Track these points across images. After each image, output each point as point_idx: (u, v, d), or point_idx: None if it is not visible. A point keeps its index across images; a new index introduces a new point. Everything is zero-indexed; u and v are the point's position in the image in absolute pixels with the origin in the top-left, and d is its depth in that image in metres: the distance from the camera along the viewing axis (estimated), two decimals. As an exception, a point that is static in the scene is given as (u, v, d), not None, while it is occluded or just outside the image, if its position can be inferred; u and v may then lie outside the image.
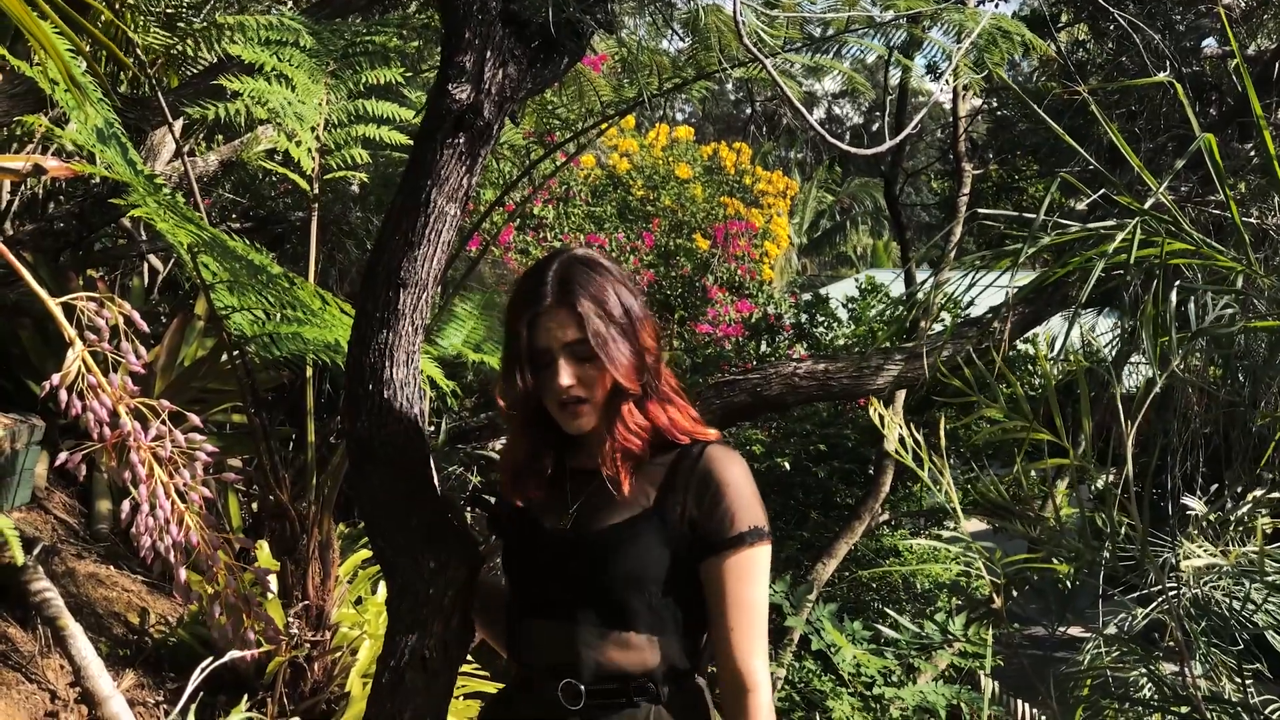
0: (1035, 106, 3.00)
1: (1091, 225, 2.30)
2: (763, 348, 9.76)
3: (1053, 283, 4.14)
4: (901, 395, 7.74)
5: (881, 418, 2.70)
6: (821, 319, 9.99)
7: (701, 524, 2.34)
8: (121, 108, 5.42)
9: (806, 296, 10.79)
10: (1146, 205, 2.25)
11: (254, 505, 6.94)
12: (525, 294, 2.40)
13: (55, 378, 2.78)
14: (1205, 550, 2.56)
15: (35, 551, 4.87)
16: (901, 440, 2.68)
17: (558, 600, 2.39)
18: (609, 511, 2.39)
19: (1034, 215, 2.31)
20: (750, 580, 2.33)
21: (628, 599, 2.34)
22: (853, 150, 3.37)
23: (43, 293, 2.83)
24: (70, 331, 2.81)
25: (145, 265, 9.39)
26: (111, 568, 6.04)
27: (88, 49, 5.27)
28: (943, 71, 10.30)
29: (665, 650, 2.36)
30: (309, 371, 5.36)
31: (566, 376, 2.34)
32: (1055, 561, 2.44)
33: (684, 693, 2.40)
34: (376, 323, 2.55)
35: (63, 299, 2.90)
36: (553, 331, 2.35)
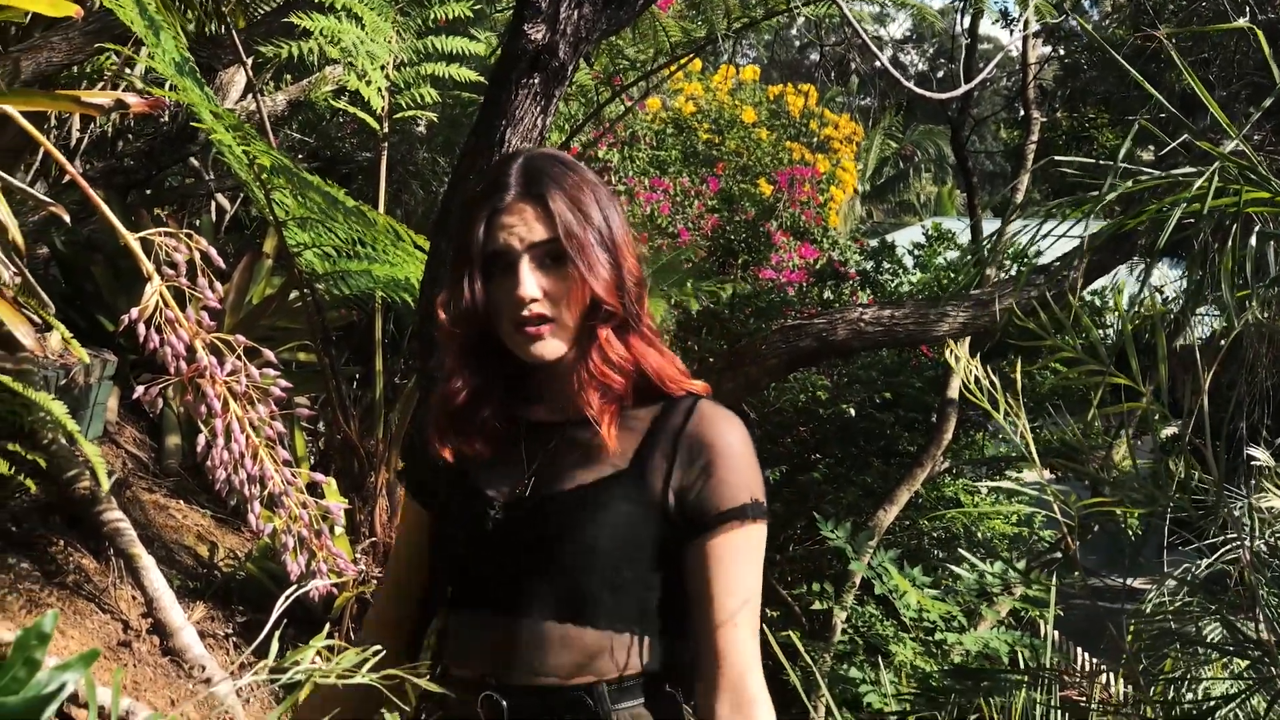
0: (1111, 50, 2.98)
1: (1169, 173, 2.28)
2: (826, 294, 9.73)
3: (1121, 233, 4.11)
4: (966, 343, 7.72)
5: (956, 358, 2.62)
6: (888, 266, 9.95)
7: (692, 494, 1.89)
8: (193, 47, 5.45)
9: (873, 243, 10.74)
10: (1226, 151, 2.23)
11: (321, 443, 7.00)
12: (484, 188, 1.96)
13: (133, 311, 2.81)
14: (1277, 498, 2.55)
15: (108, 485, 4.94)
16: (966, 386, 2.60)
17: (495, 585, 1.91)
18: (573, 472, 1.93)
19: (1108, 164, 2.29)
20: (749, 562, 1.90)
21: (587, 582, 1.86)
22: (925, 93, 3.35)
23: (121, 227, 2.86)
24: (148, 266, 2.84)
25: (213, 204, 9.47)
26: (181, 502, 6.12)
27: (161, -13, 5.31)
28: (1015, 17, 10.19)
29: (628, 652, 1.88)
30: (377, 310, 5.40)
31: (529, 285, 1.88)
32: (1126, 507, 2.42)
33: (656, 705, 1.90)
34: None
35: (140, 234, 2.93)
36: (515, 229, 1.91)
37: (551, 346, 1.92)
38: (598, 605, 1.86)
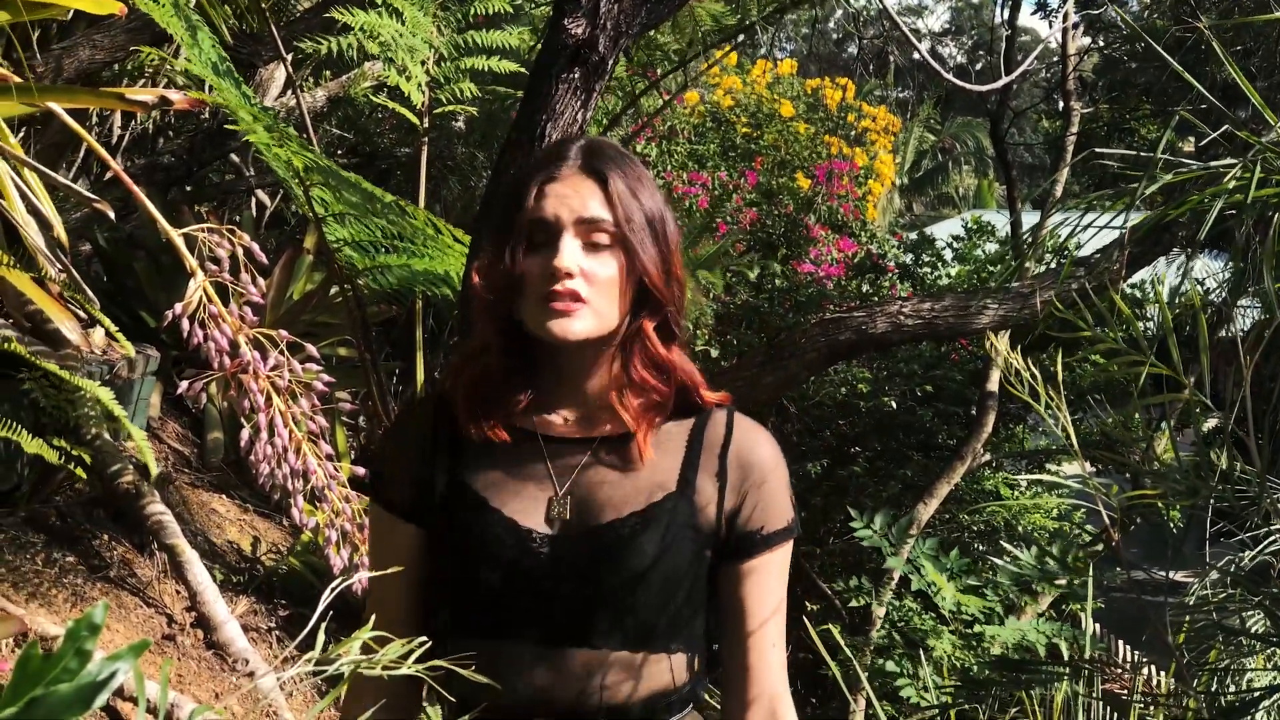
0: (1152, 42, 2.97)
1: (1210, 164, 2.27)
2: (865, 288, 9.70)
3: (1161, 225, 4.09)
4: (1005, 336, 7.70)
5: (996, 350, 2.60)
6: (927, 259, 9.91)
7: (740, 517, 1.83)
8: (233, 43, 5.49)
9: (912, 236, 10.70)
10: (1265, 142, 2.22)
11: (362, 438, 7.04)
12: (541, 159, 1.85)
13: (178, 307, 2.83)
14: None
15: (153, 478, 4.98)
16: (1007, 379, 2.58)
17: (541, 616, 1.76)
18: (618, 496, 1.80)
19: (1150, 155, 2.28)
20: (783, 581, 1.88)
21: (645, 612, 1.77)
22: (965, 85, 3.34)
23: (165, 224, 2.88)
24: (192, 262, 2.87)
25: (253, 200, 9.51)
26: (224, 496, 6.16)
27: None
28: (1053, 8, 10.14)
29: (684, 670, 1.83)
30: (418, 304, 5.42)
31: (569, 256, 1.74)
32: (1169, 499, 2.41)
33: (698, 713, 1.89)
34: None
35: (183, 230, 2.96)
36: (568, 200, 1.78)
37: (578, 326, 1.75)
38: (656, 633, 1.78)
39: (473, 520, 1.80)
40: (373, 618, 1.58)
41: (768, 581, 1.85)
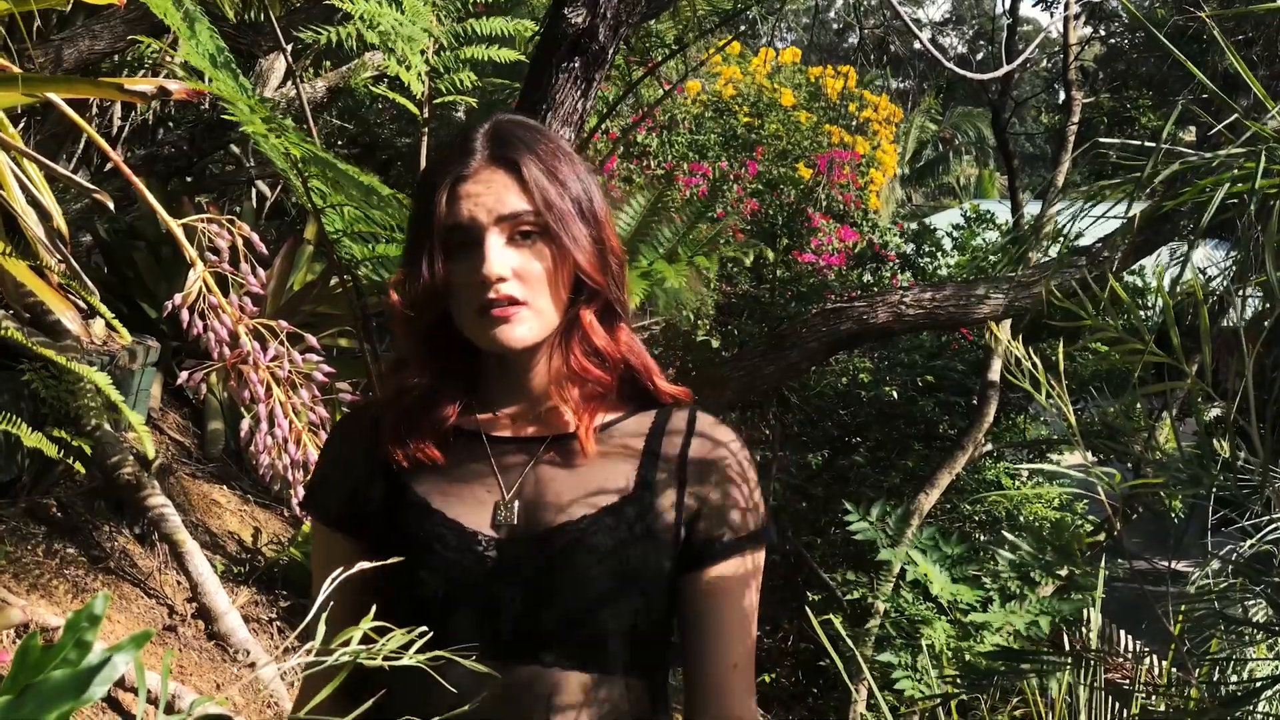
0: (1155, 31, 2.96)
1: (1216, 153, 2.26)
2: (866, 277, 9.71)
3: (1162, 214, 4.09)
4: (1006, 325, 7.70)
5: (997, 339, 2.59)
6: (928, 249, 9.92)
7: (702, 521, 1.68)
8: (233, 33, 5.48)
9: (913, 226, 10.71)
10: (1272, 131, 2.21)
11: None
12: (445, 156, 1.69)
13: (177, 298, 2.83)
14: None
15: (153, 469, 4.98)
16: (1008, 367, 2.57)
17: (489, 631, 1.60)
18: (569, 497, 1.66)
19: (1153, 145, 2.28)
20: (754, 591, 1.71)
21: (600, 625, 1.62)
22: (967, 74, 3.34)
23: (165, 214, 2.88)
24: (192, 253, 2.86)
25: (253, 191, 9.52)
26: (224, 488, 6.16)
27: (201, -26, 5.33)
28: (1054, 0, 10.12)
29: (643, 695, 1.68)
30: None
31: (497, 262, 1.59)
32: (1171, 488, 2.41)
33: None
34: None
35: (183, 221, 2.95)
36: (481, 199, 1.62)
37: (522, 332, 1.63)
38: (610, 650, 1.63)
39: (414, 524, 1.65)
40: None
41: (731, 594, 1.68)
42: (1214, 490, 2.33)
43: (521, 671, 1.59)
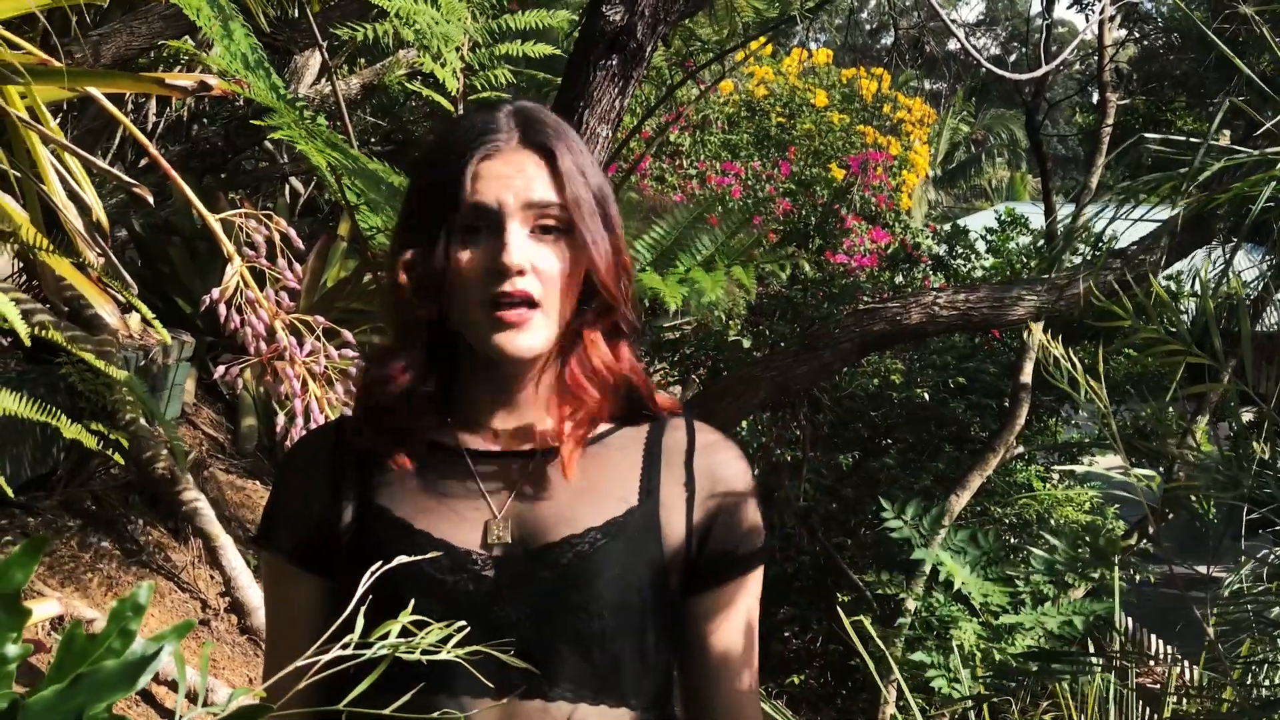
0: (1204, 27, 2.95)
1: (1267, 151, 2.25)
2: (898, 279, 9.69)
3: (1199, 216, 4.06)
4: (1038, 328, 7.66)
5: (1036, 340, 2.57)
6: (960, 250, 9.89)
7: (712, 536, 1.56)
8: (269, 30, 5.50)
9: (946, 227, 10.68)
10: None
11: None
12: (468, 129, 1.52)
13: (215, 292, 2.84)
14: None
15: (187, 464, 5.00)
16: (1044, 368, 2.52)
17: (491, 662, 1.28)
18: (569, 509, 1.52)
19: (1197, 141, 2.27)
20: (755, 613, 1.61)
21: (614, 650, 1.48)
22: (1003, 74, 3.33)
23: (202, 209, 2.89)
24: (229, 247, 2.87)
25: (287, 187, 9.55)
26: (257, 482, 6.18)
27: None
28: (1089, 2, 10.09)
29: None
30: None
31: (519, 251, 1.44)
32: (1208, 491, 2.40)
33: None
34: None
35: (220, 215, 2.96)
36: (511, 181, 1.47)
37: (532, 341, 1.47)
38: (621, 676, 1.49)
39: (397, 547, 1.39)
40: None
41: (740, 612, 1.59)
42: (1251, 492, 2.32)
43: (525, 708, 1.46)
